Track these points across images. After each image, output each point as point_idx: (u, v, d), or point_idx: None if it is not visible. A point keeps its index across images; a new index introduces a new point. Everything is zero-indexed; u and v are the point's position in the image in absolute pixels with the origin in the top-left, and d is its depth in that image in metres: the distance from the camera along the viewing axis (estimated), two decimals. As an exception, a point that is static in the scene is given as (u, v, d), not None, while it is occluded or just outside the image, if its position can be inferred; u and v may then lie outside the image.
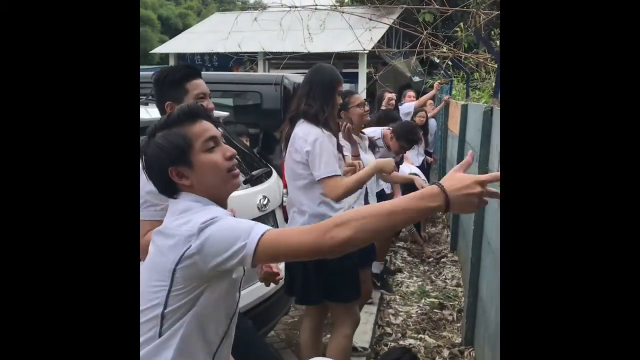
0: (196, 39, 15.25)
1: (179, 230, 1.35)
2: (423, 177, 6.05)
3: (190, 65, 1.91)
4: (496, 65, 3.77)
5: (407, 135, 3.93)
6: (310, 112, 2.57)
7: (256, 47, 7.80)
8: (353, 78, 12.81)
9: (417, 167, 6.38)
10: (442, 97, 9.11)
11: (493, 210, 2.96)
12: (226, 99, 5.02)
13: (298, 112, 2.64)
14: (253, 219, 3.06)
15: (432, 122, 8.01)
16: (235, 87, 4.88)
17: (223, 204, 1.48)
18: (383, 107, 6.26)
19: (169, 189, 1.48)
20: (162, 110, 2.10)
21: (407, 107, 6.85)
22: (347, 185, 2.56)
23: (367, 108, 3.43)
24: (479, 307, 3.28)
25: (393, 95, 6.04)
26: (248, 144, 4.15)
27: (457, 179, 1.22)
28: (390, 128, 3.98)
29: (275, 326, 3.22)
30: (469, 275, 3.45)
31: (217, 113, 3.53)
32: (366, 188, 3.50)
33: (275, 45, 7.47)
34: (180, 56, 15.47)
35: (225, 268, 1.32)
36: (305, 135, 2.54)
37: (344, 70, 13.68)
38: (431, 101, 7.46)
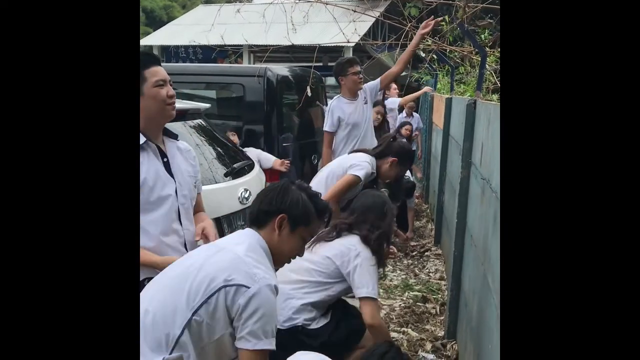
0: (180, 32, 15.12)
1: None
2: (407, 173, 6.08)
3: (149, 52, 1.92)
4: (480, 58, 3.75)
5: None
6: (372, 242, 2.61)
7: (240, 40, 7.73)
8: (338, 71, 12.74)
9: None
10: (428, 94, 9.13)
11: (476, 203, 2.95)
12: (210, 91, 4.97)
13: (349, 228, 2.65)
14: (234, 212, 3.06)
15: (416, 117, 8.05)
16: (218, 79, 4.82)
17: None
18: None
19: (260, 220, 1.85)
20: None
21: (392, 102, 6.88)
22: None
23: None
24: (462, 300, 3.28)
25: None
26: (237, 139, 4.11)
27: None
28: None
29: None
30: (452, 269, 3.45)
31: (197, 105, 3.49)
32: None
33: (259, 37, 7.42)
34: (164, 48, 15.33)
35: None
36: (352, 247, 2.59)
37: (330, 64, 13.66)
38: (412, 103, 7.53)
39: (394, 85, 7.55)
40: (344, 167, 3.36)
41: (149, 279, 1.90)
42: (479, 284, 2.63)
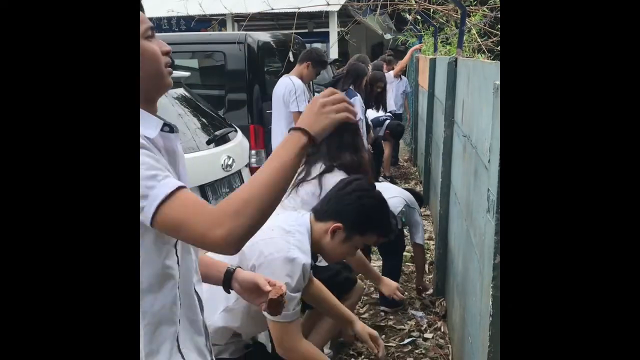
0: (162, 3, 14.82)
1: None
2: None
3: None
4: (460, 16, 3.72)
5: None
6: None
7: (221, 9, 7.59)
8: (324, 37, 12.63)
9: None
10: (414, 54, 9.05)
11: (458, 161, 2.97)
12: (192, 60, 4.90)
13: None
14: (218, 180, 3.06)
15: (404, 80, 8.00)
16: (198, 48, 4.74)
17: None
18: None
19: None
20: None
21: (387, 77, 6.85)
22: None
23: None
24: (449, 258, 3.33)
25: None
26: None
27: (306, 109, 1.15)
28: None
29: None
30: (438, 227, 3.49)
31: (176, 73, 3.45)
32: None
33: (241, 6, 7.31)
34: (146, 21, 15.06)
35: None
36: None
37: (315, 30, 13.48)
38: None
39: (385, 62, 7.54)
40: None
41: None
42: (463, 240, 2.66)
